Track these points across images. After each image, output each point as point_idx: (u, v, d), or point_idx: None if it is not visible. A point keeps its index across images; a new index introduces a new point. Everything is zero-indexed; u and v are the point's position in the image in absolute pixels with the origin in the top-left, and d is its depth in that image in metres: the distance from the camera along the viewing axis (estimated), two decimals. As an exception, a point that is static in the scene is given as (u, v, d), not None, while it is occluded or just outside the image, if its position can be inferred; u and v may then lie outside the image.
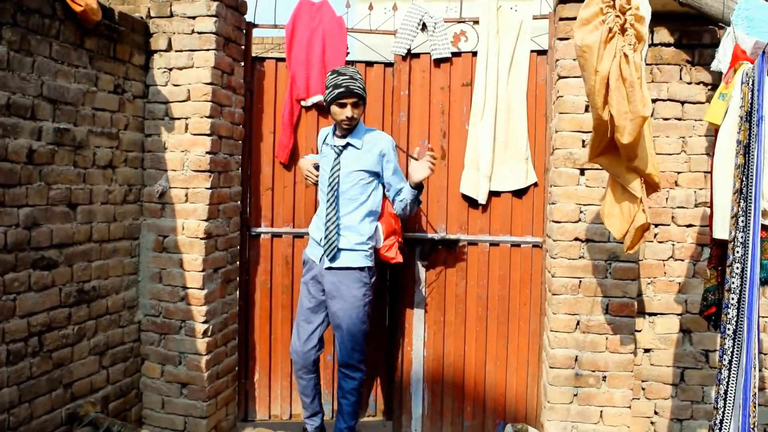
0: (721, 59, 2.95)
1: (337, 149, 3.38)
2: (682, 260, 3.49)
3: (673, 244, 3.49)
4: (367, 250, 3.40)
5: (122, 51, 3.51)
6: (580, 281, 3.34)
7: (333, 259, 3.33)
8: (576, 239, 3.33)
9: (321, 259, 3.37)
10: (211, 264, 3.70)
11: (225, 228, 3.85)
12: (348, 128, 3.32)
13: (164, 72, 3.67)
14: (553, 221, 3.34)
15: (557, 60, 3.33)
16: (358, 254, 3.35)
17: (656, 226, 3.48)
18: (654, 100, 3.44)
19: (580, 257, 3.33)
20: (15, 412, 2.91)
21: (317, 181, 3.51)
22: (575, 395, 3.36)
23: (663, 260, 3.50)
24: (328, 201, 3.34)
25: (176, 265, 3.66)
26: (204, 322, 3.64)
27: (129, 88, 3.58)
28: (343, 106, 3.22)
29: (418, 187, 3.28)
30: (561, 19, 3.30)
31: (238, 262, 4.03)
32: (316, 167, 3.55)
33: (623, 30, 2.30)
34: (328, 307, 3.43)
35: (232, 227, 3.94)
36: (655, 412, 3.54)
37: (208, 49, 3.60)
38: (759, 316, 2.45)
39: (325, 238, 3.32)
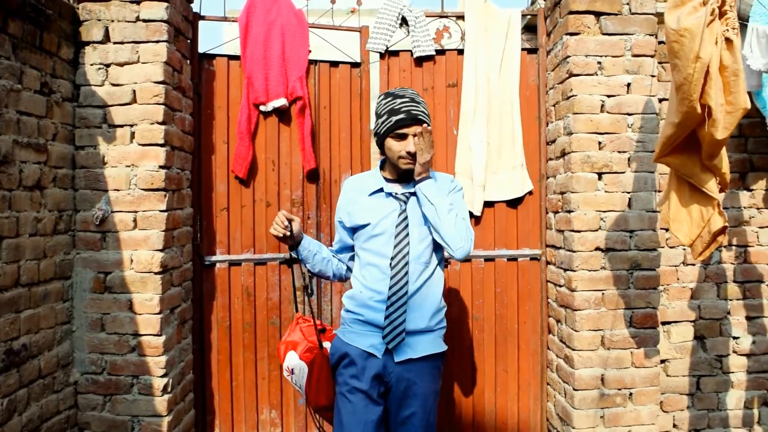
0: (747, 56, 2.86)
1: (403, 197, 2.42)
2: (694, 265, 3.39)
3: (684, 249, 3.38)
4: (444, 327, 2.50)
5: (49, 41, 2.77)
6: (603, 294, 3.10)
7: (402, 347, 2.34)
8: (597, 249, 3.08)
9: (385, 350, 2.34)
10: (168, 304, 3.03)
11: (179, 258, 3.18)
12: (408, 168, 2.37)
13: (100, 69, 2.95)
14: (573, 231, 3.08)
15: (567, 57, 3.09)
16: (436, 335, 2.43)
17: (666, 231, 3.35)
18: (660, 100, 3.32)
19: (601, 268, 3.09)
20: None
21: (286, 235, 2.39)
22: (602, 417, 3.10)
23: (675, 266, 3.39)
24: (396, 270, 2.33)
25: (124, 308, 2.95)
26: (163, 376, 2.96)
27: (57, 88, 2.83)
28: (402, 137, 2.32)
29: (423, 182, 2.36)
30: (571, 13, 3.06)
31: (191, 299, 3.36)
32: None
33: (722, 13, 2.08)
34: (393, 412, 2.39)
35: (185, 257, 3.27)
36: (674, 425, 3.40)
37: (158, 41, 2.96)
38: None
39: (388, 320, 2.31)
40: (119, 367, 2.96)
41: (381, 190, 2.46)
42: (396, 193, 2.43)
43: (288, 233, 2.39)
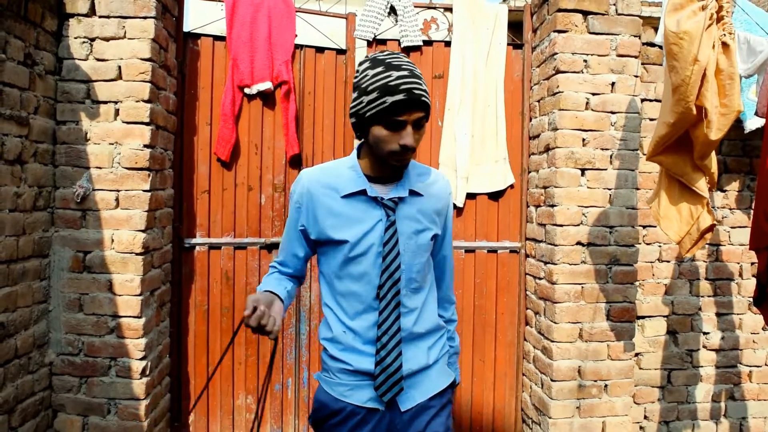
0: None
1: (391, 203, 1.77)
2: (668, 261, 3.49)
3: (660, 246, 3.48)
4: (448, 350, 1.98)
5: (34, 11, 2.69)
6: (582, 287, 3.16)
7: (407, 392, 1.79)
8: (578, 243, 3.14)
9: (385, 400, 1.75)
10: (148, 285, 2.98)
11: (160, 240, 3.13)
12: (399, 166, 1.75)
13: (84, 42, 2.88)
14: (555, 225, 3.13)
15: (555, 53, 3.13)
16: (441, 364, 1.91)
17: (644, 228, 3.43)
18: (642, 101, 3.39)
19: (582, 262, 3.15)
20: None
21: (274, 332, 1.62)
22: (578, 408, 3.17)
23: (651, 262, 3.47)
24: (385, 302, 1.75)
25: (103, 288, 2.89)
26: (142, 359, 2.92)
27: (40, 60, 2.75)
28: (398, 126, 1.64)
29: None
30: (560, 11, 3.10)
31: (169, 282, 3.31)
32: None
33: (719, 18, 2.14)
34: None
35: (166, 239, 3.22)
36: (645, 417, 3.50)
37: (145, 17, 2.90)
38: None
39: (380, 366, 1.74)
40: (97, 349, 2.90)
41: (362, 192, 1.77)
42: (382, 198, 1.77)
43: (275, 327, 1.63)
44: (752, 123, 3.28)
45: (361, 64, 1.72)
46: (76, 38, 2.88)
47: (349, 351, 1.79)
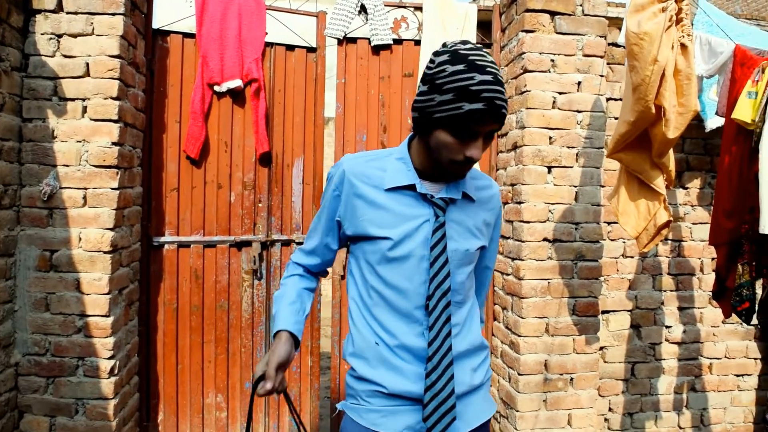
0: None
1: (440, 203, 1.55)
2: (632, 257, 3.57)
3: (624, 242, 3.56)
4: (491, 375, 1.74)
5: (-1, 6, 2.64)
6: (549, 283, 3.22)
7: (454, 424, 1.54)
8: (545, 239, 3.21)
9: (435, 431, 1.50)
10: (116, 284, 2.95)
11: (129, 238, 3.11)
12: (457, 174, 1.52)
13: (51, 39, 2.85)
14: (522, 221, 3.19)
15: (523, 53, 3.18)
16: (485, 390, 1.68)
17: (609, 224, 3.51)
18: (607, 100, 3.47)
19: (548, 258, 3.21)
20: None
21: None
22: (544, 401, 3.23)
23: (615, 258, 3.56)
24: (435, 315, 1.51)
25: (71, 287, 2.86)
26: (110, 358, 2.89)
27: (6, 57, 2.71)
28: (470, 136, 1.42)
29: None
30: (527, 11, 3.15)
31: (138, 280, 3.29)
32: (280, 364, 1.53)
33: (678, 20, 2.21)
34: None
35: (134, 237, 3.20)
36: (610, 409, 3.59)
37: (114, 14, 2.87)
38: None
39: (431, 392, 1.49)
40: (64, 349, 2.87)
41: (410, 187, 1.56)
42: (432, 196, 1.55)
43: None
44: (713, 122, 3.39)
45: (438, 54, 1.45)
46: (42, 34, 2.84)
47: (382, 369, 1.55)
